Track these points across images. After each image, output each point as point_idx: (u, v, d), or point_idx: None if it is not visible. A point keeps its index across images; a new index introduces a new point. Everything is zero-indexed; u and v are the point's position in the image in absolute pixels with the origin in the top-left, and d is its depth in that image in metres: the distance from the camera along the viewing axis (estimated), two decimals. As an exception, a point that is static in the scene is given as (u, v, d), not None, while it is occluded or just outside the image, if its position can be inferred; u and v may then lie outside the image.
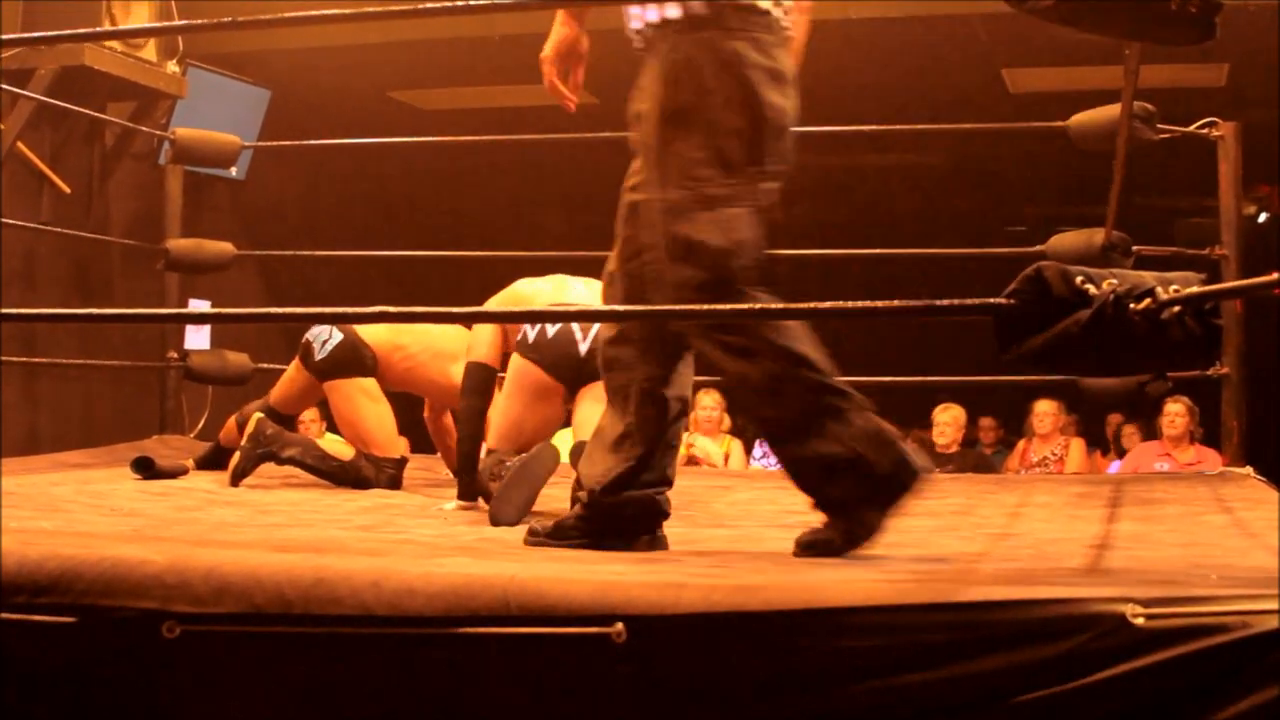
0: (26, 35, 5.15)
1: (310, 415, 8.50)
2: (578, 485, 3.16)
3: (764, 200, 2.97)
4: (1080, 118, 5.63)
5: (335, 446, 5.12)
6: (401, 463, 5.03)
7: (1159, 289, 2.13)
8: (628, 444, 3.06)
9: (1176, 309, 2.12)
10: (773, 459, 8.13)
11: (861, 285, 5.70)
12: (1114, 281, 2.13)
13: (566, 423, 4.54)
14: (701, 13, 2.94)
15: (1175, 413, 7.84)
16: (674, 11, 2.96)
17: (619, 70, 3.27)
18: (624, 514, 3.06)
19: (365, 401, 4.99)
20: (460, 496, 4.34)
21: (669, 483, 3.13)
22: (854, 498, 2.85)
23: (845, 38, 7.67)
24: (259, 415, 5.05)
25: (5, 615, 2.08)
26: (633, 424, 3.08)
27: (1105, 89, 5.74)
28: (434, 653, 1.97)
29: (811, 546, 2.88)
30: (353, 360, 4.99)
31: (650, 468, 3.07)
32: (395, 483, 4.95)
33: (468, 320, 4.54)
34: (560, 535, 3.08)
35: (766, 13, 2.97)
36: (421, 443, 5.93)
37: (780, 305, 2.82)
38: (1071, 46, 7.67)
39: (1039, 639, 1.81)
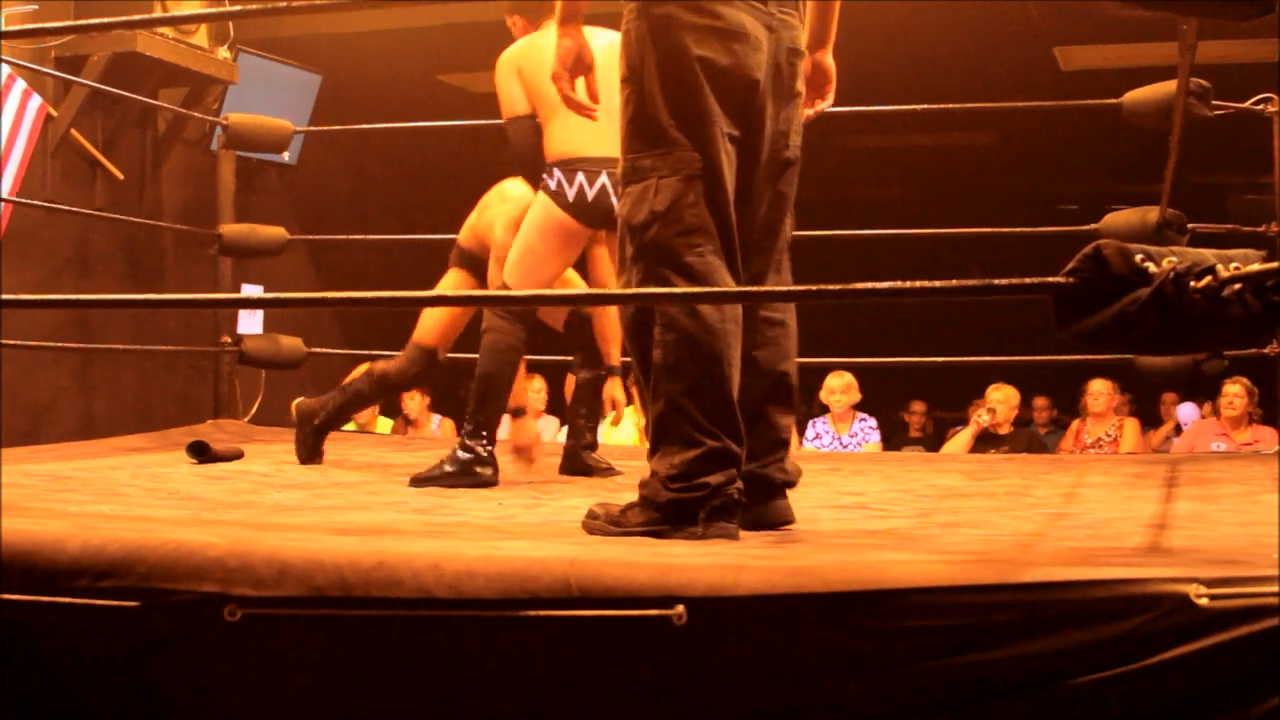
0: (79, 22, 5.18)
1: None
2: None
3: (692, 166, 2.88)
4: (1134, 95, 5.58)
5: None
6: (428, 353, 5.03)
7: (1219, 266, 2.10)
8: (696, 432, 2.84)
9: (1237, 287, 2.10)
10: (825, 440, 8.20)
11: (914, 264, 5.67)
12: (1174, 259, 2.10)
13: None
14: None
15: (1234, 394, 7.67)
16: None
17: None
18: (690, 504, 2.82)
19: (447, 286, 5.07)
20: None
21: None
22: None
23: (897, 16, 7.64)
24: (297, 401, 5.12)
25: (68, 599, 2.09)
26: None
27: (1157, 65, 5.70)
28: (494, 635, 1.98)
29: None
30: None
31: (722, 456, 2.86)
32: (401, 368, 5.03)
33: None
34: (620, 524, 2.89)
35: None
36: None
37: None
38: (1123, 23, 7.63)
39: (1101, 619, 1.80)
